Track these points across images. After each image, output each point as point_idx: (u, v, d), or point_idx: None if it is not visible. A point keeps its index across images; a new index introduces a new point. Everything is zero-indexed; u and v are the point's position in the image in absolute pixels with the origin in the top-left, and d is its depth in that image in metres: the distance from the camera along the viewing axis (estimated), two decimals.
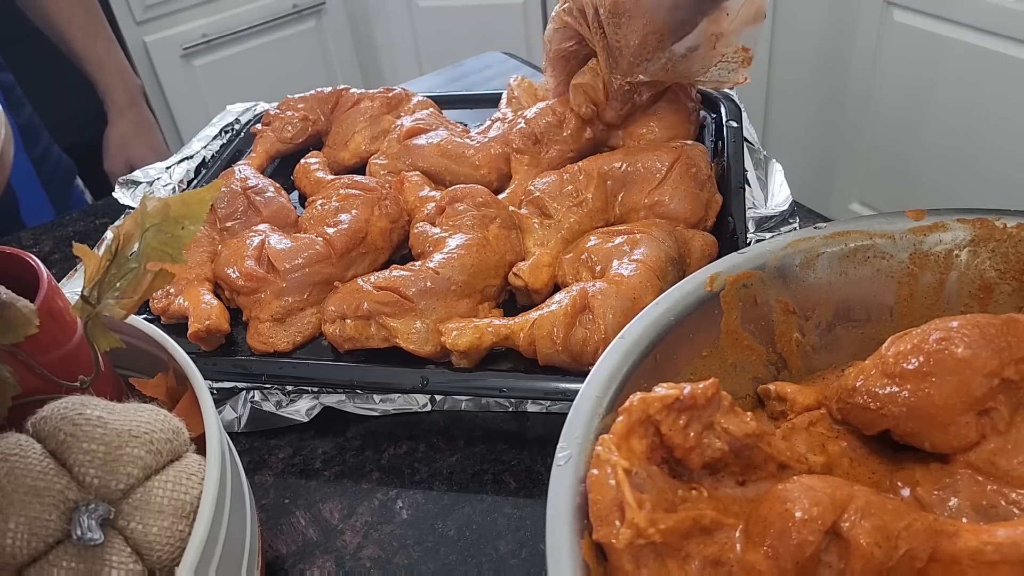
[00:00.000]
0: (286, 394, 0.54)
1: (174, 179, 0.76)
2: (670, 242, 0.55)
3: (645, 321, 0.39)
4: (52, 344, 0.38)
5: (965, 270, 0.43)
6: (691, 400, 0.33)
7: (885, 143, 1.60)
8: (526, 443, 0.53)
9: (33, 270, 0.39)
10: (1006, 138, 1.38)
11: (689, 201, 0.60)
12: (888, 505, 0.31)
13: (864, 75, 1.57)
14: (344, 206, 0.62)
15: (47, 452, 0.33)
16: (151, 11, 1.79)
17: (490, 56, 1.11)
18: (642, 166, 0.62)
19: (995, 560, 0.29)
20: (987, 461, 0.35)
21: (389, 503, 0.50)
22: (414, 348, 0.53)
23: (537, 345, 0.51)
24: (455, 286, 0.54)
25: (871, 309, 0.44)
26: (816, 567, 0.31)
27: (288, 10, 1.95)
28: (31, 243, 0.82)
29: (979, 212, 0.43)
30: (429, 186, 0.67)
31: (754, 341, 0.43)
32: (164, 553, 0.33)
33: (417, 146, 0.71)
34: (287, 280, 0.57)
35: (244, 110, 0.87)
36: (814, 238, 0.44)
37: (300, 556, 0.47)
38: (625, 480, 0.31)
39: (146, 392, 0.43)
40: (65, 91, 1.46)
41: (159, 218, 0.37)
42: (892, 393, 0.36)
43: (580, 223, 0.61)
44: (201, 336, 0.55)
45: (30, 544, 0.31)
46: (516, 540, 0.47)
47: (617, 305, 0.49)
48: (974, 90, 1.40)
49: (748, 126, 0.70)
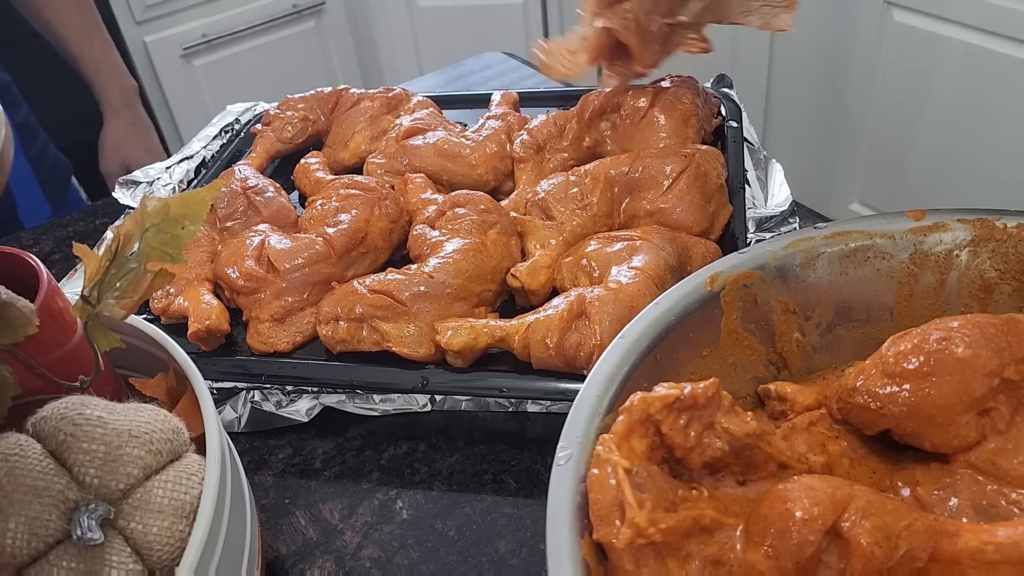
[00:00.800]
0: (286, 394, 0.54)
1: (174, 179, 0.76)
2: (670, 249, 0.55)
3: (645, 321, 0.39)
4: (52, 344, 0.38)
5: (965, 270, 0.43)
6: (691, 400, 0.33)
7: (885, 143, 1.60)
8: (526, 443, 0.53)
9: (33, 270, 0.39)
10: (1006, 138, 1.38)
11: (694, 211, 0.59)
12: (888, 505, 0.31)
13: (864, 75, 1.57)
14: (344, 206, 0.62)
15: (47, 452, 0.33)
16: (151, 11, 1.79)
17: (490, 56, 1.11)
18: (650, 172, 0.61)
19: (995, 560, 0.29)
20: (987, 461, 0.35)
21: (389, 503, 0.50)
22: (408, 351, 0.53)
23: (531, 349, 0.50)
24: (450, 290, 0.54)
25: (871, 309, 0.44)
26: (816, 567, 0.31)
27: (288, 10, 1.95)
28: (31, 243, 0.82)
29: (979, 212, 0.43)
30: (432, 188, 0.67)
31: (754, 341, 0.43)
32: (164, 553, 0.33)
33: (414, 146, 0.71)
34: (287, 280, 0.57)
35: (244, 110, 0.87)
36: (814, 238, 0.44)
37: (300, 556, 0.47)
38: (625, 480, 0.31)
39: (146, 392, 0.43)
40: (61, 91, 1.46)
41: (159, 218, 0.37)
42: (892, 393, 0.36)
43: (583, 226, 0.60)
44: (201, 336, 0.55)
45: (30, 544, 0.31)
46: (516, 540, 0.47)
47: (614, 312, 0.49)
48: (974, 90, 1.40)
49: (748, 126, 0.70)
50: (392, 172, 0.71)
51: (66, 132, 1.38)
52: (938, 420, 0.35)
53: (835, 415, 0.39)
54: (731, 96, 0.75)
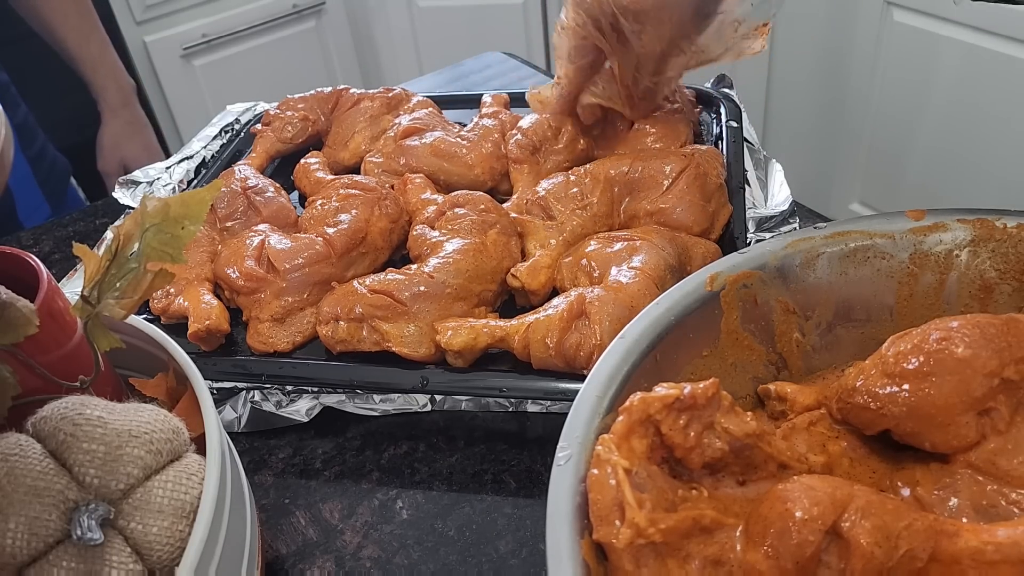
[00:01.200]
0: (286, 394, 0.54)
1: (174, 179, 0.76)
2: (670, 249, 0.55)
3: (645, 321, 0.39)
4: (52, 344, 0.38)
5: (965, 270, 0.43)
6: (691, 400, 0.33)
7: (885, 143, 1.60)
8: (526, 443, 0.53)
9: (33, 270, 0.39)
10: (1006, 138, 1.38)
11: (694, 212, 0.59)
12: (888, 505, 0.31)
13: (864, 75, 1.57)
14: (344, 206, 0.62)
15: (47, 452, 0.33)
16: (151, 11, 1.79)
17: (490, 56, 1.11)
18: (649, 172, 0.61)
19: (995, 560, 0.29)
20: (987, 461, 0.35)
21: (389, 503, 0.50)
22: (408, 351, 0.53)
23: (531, 349, 0.50)
24: (450, 289, 0.54)
25: (871, 309, 0.44)
26: (816, 567, 0.31)
27: (288, 10, 1.95)
28: (31, 243, 0.82)
29: (979, 212, 0.43)
30: (431, 189, 0.67)
31: (754, 341, 0.43)
32: (164, 553, 0.33)
33: (411, 146, 0.71)
34: (287, 280, 0.57)
35: (244, 110, 0.87)
36: (814, 238, 0.44)
37: (300, 556, 0.47)
38: (625, 480, 0.31)
39: (146, 392, 0.43)
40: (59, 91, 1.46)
41: (159, 218, 0.37)
42: (892, 393, 0.36)
43: (583, 226, 0.60)
44: (201, 336, 0.55)
45: (30, 544, 0.31)
46: (516, 540, 0.47)
47: (614, 312, 0.49)
48: (974, 90, 1.40)
49: (748, 126, 0.70)
50: (389, 172, 0.71)
51: (65, 132, 1.38)
52: (938, 420, 0.35)
53: (835, 415, 0.39)
54: (731, 96, 0.75)
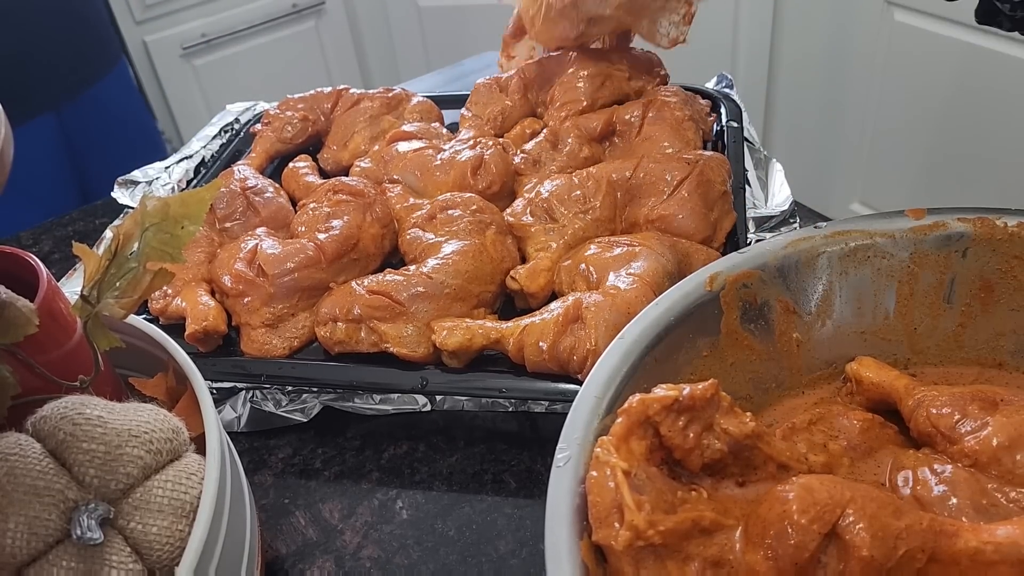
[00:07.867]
0: (286, 394, 0.54)
1: (173, 179, 0.76)
2: (669, 256, 0.54)
3: (644, 322, 0.39)
4: (52, 344, 0.38)
5: (965, 270, 0.43)
6: (690, 401, 0.33)
7: (885, 143, 1.60)
8: (526, 443, 0.53)
9: (33, 270, 0.39)
10: (1006, 138, 1.38)
11: (695, 219, 0.58)
12: (888, 505, 0.31)
13: (864, 75, 1.57)
14: (336, 211, 0.61)
15: (47, 452, 0.33)
16: (151, 11, 1.79)
17: (490, 56, 1.11)
18: (651, 178, 0.60)
19: (995, 560, 0.29)
20: (988, 460, 0.35)
21: (389, 503, 0.50)
22: (407, 352, 0.53)
23: (525, 352, 0.50)
24: (448, 290, 0.54)
25: (871, 309, 0.44)
26: (816, 568, 0.31)
27: (288, 10, 1.95)
28: (31, 243, 0.82)
29: (979, 211, 0.43)
30: (413, 196, 0.66)
31: (754, 341, 0.43)
32: (164, 553, 0.33)
33: (393, 154, 0.70)
34: (275, 285, 0.56)
35: (244, 110, 0.87)
36: (814, 238, 0.44)
37: (300, 556, 0.47)
38: (624, 482, 0.31)
39: (146, 392, 0.43)
40: None
41: (159, 218, 0.37)
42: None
43: (585, 230, 0.60)
44: (199, 337, 0.55)
45: (30, 544, 0.31)
46: (516, 540, 0.47)
47: (610, 318, 0.49)
48: (974, 90, 1.40)
49: (748, 126, 0.70)
50: (371, 177, 0.69)
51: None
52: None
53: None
54: (731, 96, 0.75)
